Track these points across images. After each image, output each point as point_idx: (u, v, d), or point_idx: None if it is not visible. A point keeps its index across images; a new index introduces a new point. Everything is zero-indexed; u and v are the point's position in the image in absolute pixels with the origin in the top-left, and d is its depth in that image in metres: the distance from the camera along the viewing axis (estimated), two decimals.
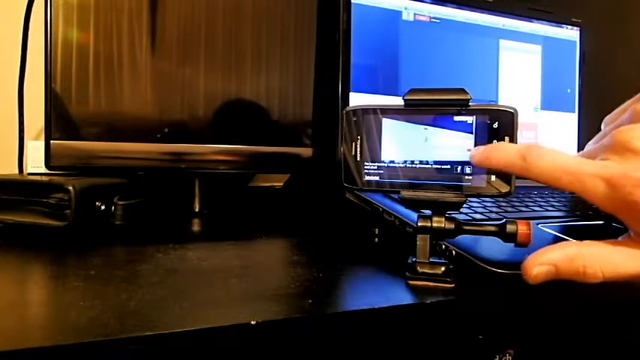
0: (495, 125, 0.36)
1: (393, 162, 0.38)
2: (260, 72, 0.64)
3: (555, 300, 0.38)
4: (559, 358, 0.41)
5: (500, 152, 0.32)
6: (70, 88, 0.57)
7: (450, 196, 0.36)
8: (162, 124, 0.60)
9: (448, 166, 0.37)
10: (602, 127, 0.36)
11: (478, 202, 0.52)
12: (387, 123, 0.38)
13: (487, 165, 0.33)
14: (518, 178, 0.33)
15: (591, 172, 0.29)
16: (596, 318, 0.42)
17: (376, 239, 0.52)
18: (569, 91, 0.78)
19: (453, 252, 0.39)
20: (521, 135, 0.72)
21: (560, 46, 0.78)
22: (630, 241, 0.29)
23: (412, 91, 0.38)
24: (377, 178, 0.38)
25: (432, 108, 0.37)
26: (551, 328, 0.40)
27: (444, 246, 0.40)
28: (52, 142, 0.57)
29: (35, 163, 0.61)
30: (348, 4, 0.62)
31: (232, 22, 0.63)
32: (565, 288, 0.37)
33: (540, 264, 0.30)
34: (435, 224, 0.36)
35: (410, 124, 0.38)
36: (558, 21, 0.77)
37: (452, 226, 0.36)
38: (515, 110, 0.36)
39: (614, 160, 0.29)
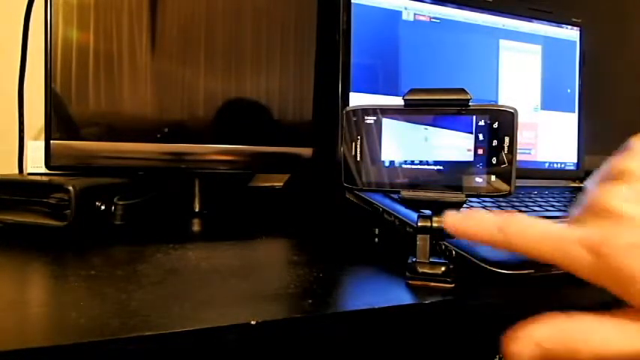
0: (495, 125, 0.36)
1: (393, 162, 0.38)
2: (260, 72, 0.64)
3: (555, 300, 0.38)
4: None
5: (477, 224, 0.30)
6: (70, 88, 0.57)
7: (450, 196, 0.36)
8: (162, 124, 0.60)
9: (448, 166, 0.37)
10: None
11: (478, 202, 0.52)
12: (387, 123, 0.38)
13: (462, 237, 0.31)
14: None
15: (573, 239, 0.26)
16: None
17: (376, 239, 0.52)
18: (569, 91, 0.78)
19: (453, 252, 0.39)
20: (521, 135, 0.72)
21: (560, 46, 0.78)
22: (623, 314, 0.26)
23: (412, 91, 0.38)
24: (377, 178, 0.38)
25: (432, 108, 0.37)
26: None
27: (443, 246, 0.40)
28: (52, 142, 0.57)
29: (35, 163, 0.61)
30: (348, 4, 0.62)
31: (232, 22, 0.63)
32: (565, 288, 0.37)
33: (522, 341, 0.27)
34: (435, 224, 0.36)
35: (410, 124, 0.38)
36: (558, 21, 0.77)
37: None
38: (515, 110, 0.36)
39: (596, 225, 0.26)
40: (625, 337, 0.25)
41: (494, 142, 0.36)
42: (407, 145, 0.38)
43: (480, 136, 0.36)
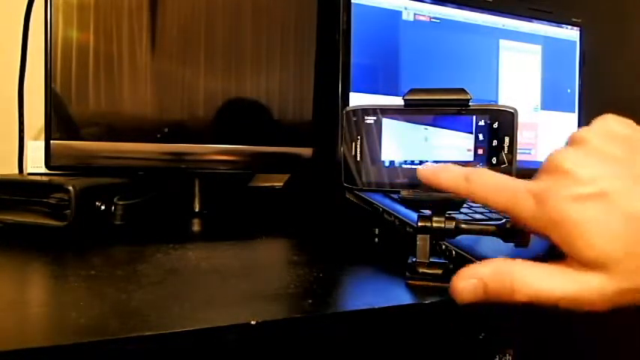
0: (495, 125, 0.36)
1: (393, 162, 0.38)
2: (260, 72, 0.64)
3: None
4: (559, 358, 0.41)
5: (447, 173, 0.33)
6: (70, 88, 0.57)
7: (450, 196, 0.36)
8: (162, 124, 0.60)
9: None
10: None
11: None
12: (387, 123, 0.38)
13: (433, 183, 0.33)
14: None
15: (523, 188, 0.29)
16: (596, 318, 0.42)
17: (376, 239, 0.52)
18: (569, 91, 0.78)
19: (453, 252, 0.39)
20: (521, 135, 0.72)
21: (560, 46, 0.78)
22: (562, 263, 0.28)
23: (412, 91, 0.38)
24: (377, 178, 0.38)
25: (432, 108, 0.37)
26: (551, 328, 0.40)
27: (444, 246, 0.40)
28: (52, 142, 0.57)
29: (35, 163, 0.61)
30: (348, 4, 0.62)
31: (232, 22, 0.63)
32: None
33: (468, 278, 0.30)
34: (435, 224, 0.36)
35: (410, 124, 0.38)
36: (558, 21, 0.77)
37: (452, 226, 0.36)
38: (515, 110, 0.36)
39: (544, 180, 0.29)
40: (556, 281, 0.28)
41: (495, 142, 0.36)
42: (407, 145, 0.38)
43: (480, 136, 0.36)
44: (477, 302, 0.30)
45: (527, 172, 0.31)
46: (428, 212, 0.37)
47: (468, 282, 0.30)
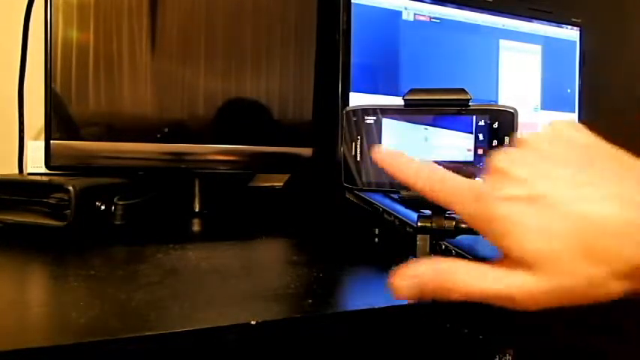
0: (495, 125, 0.36)
1: None
2: (260, 72, 0.64)
3: None
4: (559, 358, 0.41)
5: (399, 164, 0.33)
6: (70, 88, 0.57)
7: None
8: (162, 124, 0.60)
9: (448, 166, 0.37)
10: None
11: None
12: (387, 123, 0.38)
13: (385, 168, 0.34)
14: None
15: (465, 186, 0.30)
16: (596, 318, 0.42)
17: (376, 239, 0.52)
18: (569, 91, 0.78)
19: (453, 252, 0.39)
20: (522, 135, 0.72)
21: (560, 46, 0.78)
22: (497, 263, 0.29)
23: (412, 91, 0.38)
24: (377, 178, 0.38)
25: (432, 108, 0.37)
26: (551, 328, 0.40)
27: (443, 246, 0.40)
28: (52, 142, 0.57)
29: (35, 163, 0.61)
30: (348, 4, 0.62)
31: (232, 22, 0.63)
32: None
33: (404, 276, 0.30)
34: (435, 224, 0.36)
35: (410, 124, 0.38)
36: (558, 21, 0.77)
37: (452, 226, 0.36)
38: (515, 110, 0.36)
39: (486, 179, 0.30)
40: (488, 279, 0.28)
41: (495, 142, 0.36)
42: (407, 145, 0.38)
43: (480, 136, 0.36)
44: (415, 299, 0.31)
45: None
46: (428, 212, 0.37)
47: (407, 280, 0.30)
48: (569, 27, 0.78)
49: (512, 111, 0.36)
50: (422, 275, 0.30)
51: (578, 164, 0.28)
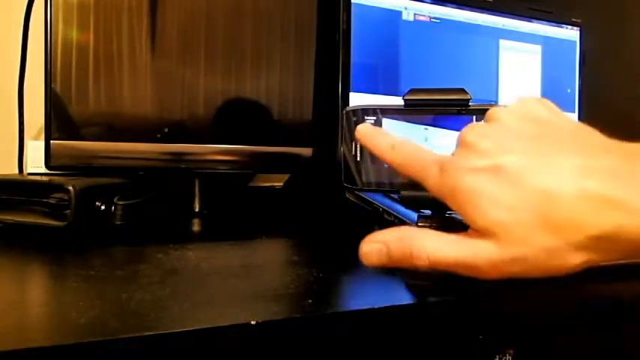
0: None
1: None
2: (260, 72, 0.64)
3: (556, 300, 0.38)
4: (559, 358, 0.41)
5: (380, 138, 0.34)
6: (70, 88, 0.57)
7: None
8: (163, 124, 0.60)
9: None
10: None
11: None
12: (387, 123, 0.38)
13: (365, 144, 0.36)
14: None
15: (433, 159, 0.31)
16: (596, 318, 0.42)
17: None
18: (569, 91, 0.78)
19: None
20: None
21: (560, 46, 0.78)
22: (463, 234, 0.30)
23: (412, 91, 0.38)
24: (377, 178, 0.38)
25: (432, 108, 0.37)
26: (551, 328, 0.40)
27: None
28: (52, 142, 0.57)
29: (35, 163, 0.61)
30: (348, 4, 0.62)
31: (232, 22, 0.63)
32: (565, 288, 0.37)
33: (372, 242, 0.32)
34: (435, 224, 0.36)
35: (410, 124, 0.38)
36: (558, 21, 0.77)
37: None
38: None
39: (454, 153, 0.31)
40: (452, 248, 0.29)
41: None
42: None
43: None
44: (382, 266, 0.32)
45: None
46: (428, 212, 0.37)
47: (373, 245, 0.32)
48: (569, 27, 0.78)
49: None
50: (388, 242, 0.31)
51: (542, 138, 0.29)
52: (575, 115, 0.78)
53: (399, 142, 0.33)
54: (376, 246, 0.32)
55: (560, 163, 0.27)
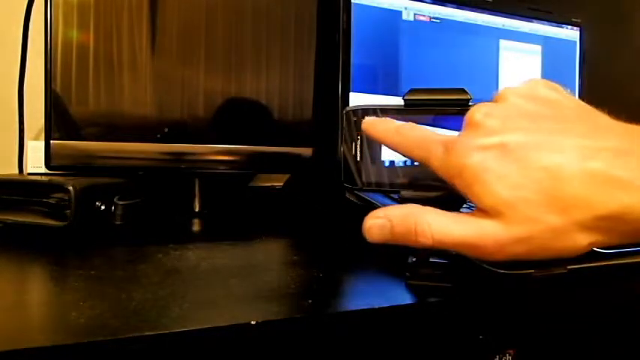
0: None
1: (393, 162, 0.38)
2: (260, 72, 0.64)
3: (556, 300, 0.38)
4: (559, 358, 0.41)
5: (383, 124, 0.34)
6: (70, 88, 0.57)
7: (450, 196, 0.36)
8: (162, 124, 0.60)
9: None
10: None
11: None
12: None
13: (371, 134, 0.35)
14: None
15: (438, 139, 0.31)
16: (596, 318, 0.42)
17: None
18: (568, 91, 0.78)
19: (453, 252, 0.39)
20: None
21: (560, 46, 0.78)
22: (468, 213, 0.29)
23: (412, 91, 0.38)
24: (377, 178, 0.38)
25: (432, 108, 0.37)
26: (551, 328, 0.40)
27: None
28: (52, 142, 0.57)
29: (35, 163, 0.61)
30: (348, 4, 0.62)
31: (232, 22, 0.63)
32: (565, 288, 0.37)
33: (376, 217, 0.31)
34: None
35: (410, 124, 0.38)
36: (558, 21, 0.77)
37: None
38: None
39: (461, 132, 0.30)
40: (457, 227, 0.29)
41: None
42: None
43: None
44: (385, 242, 0.31)
45: None
46: None
47: (377, 221, 0.31)
48: (569, 27, 0.78)
49: None
50: (392, 217, 0.31)
51: (549, 118, 0.29)
52: None
53: (402, 125, 0.33)
54: (380, 221, 0.31)
55: (566, 142, 0.27)
